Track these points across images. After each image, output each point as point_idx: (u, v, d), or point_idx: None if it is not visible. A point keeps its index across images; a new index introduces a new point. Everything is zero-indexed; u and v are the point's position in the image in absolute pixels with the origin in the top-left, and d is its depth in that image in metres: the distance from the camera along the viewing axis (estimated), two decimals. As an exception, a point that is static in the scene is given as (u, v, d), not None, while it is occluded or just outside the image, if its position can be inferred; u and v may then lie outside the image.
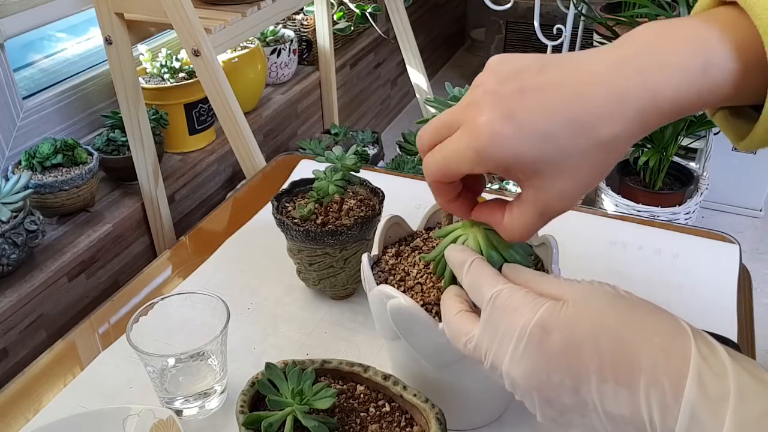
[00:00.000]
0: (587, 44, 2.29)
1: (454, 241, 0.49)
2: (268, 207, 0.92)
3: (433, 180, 0.44)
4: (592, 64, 0.38)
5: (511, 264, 0.45)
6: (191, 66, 1.63)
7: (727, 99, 0.38)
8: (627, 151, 0.40)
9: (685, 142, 2.00)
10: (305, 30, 2.15)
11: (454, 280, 0.49)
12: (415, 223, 0.65)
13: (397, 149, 1.99)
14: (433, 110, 0.58)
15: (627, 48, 0.38)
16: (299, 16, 2.16)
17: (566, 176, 0.39)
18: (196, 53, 1.27)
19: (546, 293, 0.40)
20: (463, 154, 0.40)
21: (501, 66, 0.40)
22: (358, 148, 1.99)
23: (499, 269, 0.45)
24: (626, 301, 0.38)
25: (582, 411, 0.36)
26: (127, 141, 1.51)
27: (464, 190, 0.46)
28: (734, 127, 0.43)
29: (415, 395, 0.52)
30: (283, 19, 2.14)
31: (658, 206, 1.93)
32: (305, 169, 1.02)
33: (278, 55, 2.03)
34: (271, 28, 2.04)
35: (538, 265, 0.59)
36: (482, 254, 0.46)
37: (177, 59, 1.70)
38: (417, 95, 2.15)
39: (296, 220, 0.72)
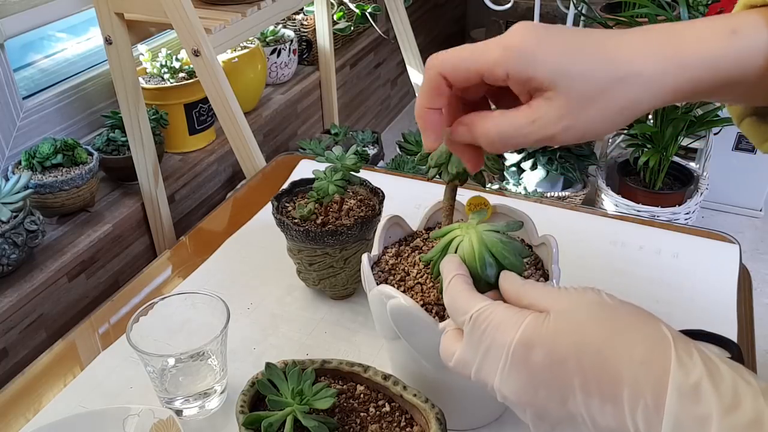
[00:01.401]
0: (587, 44, 2.29)
1: (450, 242, 0.49)
2: (268, 207, 0.92)
3: (439, 71, 0.40)
4: (622, 31, 0.40)
5: (508, 273, 0.45)
6: (191, 66, 1.63)
7: (759, 73, 0.38)
8: (641, 113, 0.40)
9: (685, 142, 2.00)
10: (305, 30, 2.15)
11: None
12: (415, 223, 0.65)
13: (397, 149, 1.99)
14: (433, 110, 0.58)
15: (651, 26, 0.40)
16: (299, 16, 2.16)
17: (574, 100, 0.38)
18: (196, 53, 1.27)
19: (531, 304, 0.40)
20: (488, 48, 0.39)
21: (533, 23, 0.40)
22: (358, 148, 1.99)
23: (497, 275, 0.45)
24: (609, 310, 0.37)
25: (572, 423, 0.37)
26: (127, 141, 1.51)
27: (455, 102, 0.43)
28: (761, 132, 0.44)
29: (415, 395, 0.52)
30: (283, 19, 2.14)
31: (658, 206, 1.93)
32: (305, 169, 1.02)
33: (278, 55, 2.03)
34: (271, 28, 2.04)
35: (538, 264, 0.59)
36: (475, 256, 0.46)
37: (177, 59, 1.70)
38: (417, 95, 2.15)
39: (296, 220, 0.72)
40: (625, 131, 1.92)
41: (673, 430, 0.32)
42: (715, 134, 2.06)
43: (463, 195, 0.60)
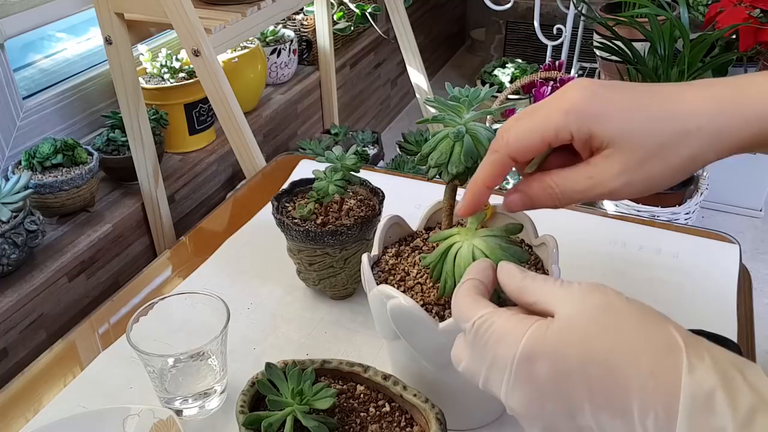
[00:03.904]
0: (587, 44, 2.29)
1: (449, 248, 0.49)
2: (268, 207, 0.92)
3: (508, 153, 0.44)
4: (685, 85, 0.42)
5: (506, 265, 0.43)
6: (191, 66, 1.63)
7: None
8: (701, 166, 0.41)
9: (685, 142, 2.00)
10: (305, 30, 2.15)
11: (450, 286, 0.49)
12: (415, 223, 0.65)
13: (397, 149, 1.99)
14: (433, 110, 0.58)
15: (713, 81, 0.42)
16: (299, 16, 2.16)
17: (634, 157, 0.40)
18: (196, 53, 1.27)
19: (534, 302, 0.39)
20: (549, 115, 0.42)
21: (590, 81, 0.43)
22: (358, 148, 1.99)
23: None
24: (615, 314, 0.36)
25: None
26: (127, 141, 1.51)
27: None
28: None
29: (415, 395, 0.52)
30: (283, 19, 2.14)
31: (658, 206, 1.93)
32: (305, 169, 1.01)
33: (278, 55, 2.03)
34: (271, 28, 2.04)
35: (538, 264, 0.59)
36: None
37: (177, 59, 1.70)
38: (417, 95, 2.15)
39: (296, 220, 0.72)
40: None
41: None
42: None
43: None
